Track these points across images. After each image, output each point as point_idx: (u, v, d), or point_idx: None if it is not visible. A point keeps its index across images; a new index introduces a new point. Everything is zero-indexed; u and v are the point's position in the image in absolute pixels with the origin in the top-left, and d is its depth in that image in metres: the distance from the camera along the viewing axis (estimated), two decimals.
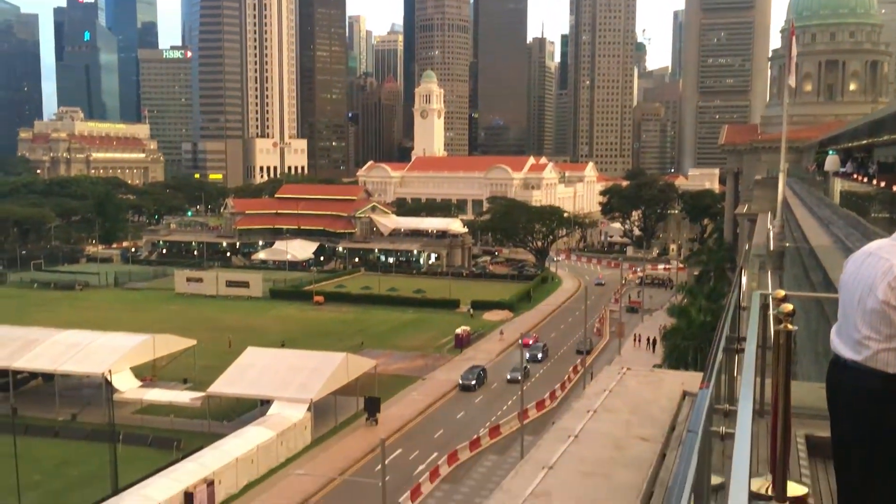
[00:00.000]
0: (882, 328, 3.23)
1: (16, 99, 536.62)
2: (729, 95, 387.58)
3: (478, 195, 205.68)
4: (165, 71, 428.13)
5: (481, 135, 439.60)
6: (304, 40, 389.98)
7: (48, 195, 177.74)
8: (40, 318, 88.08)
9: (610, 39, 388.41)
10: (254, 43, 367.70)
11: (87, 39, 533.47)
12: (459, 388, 71.91)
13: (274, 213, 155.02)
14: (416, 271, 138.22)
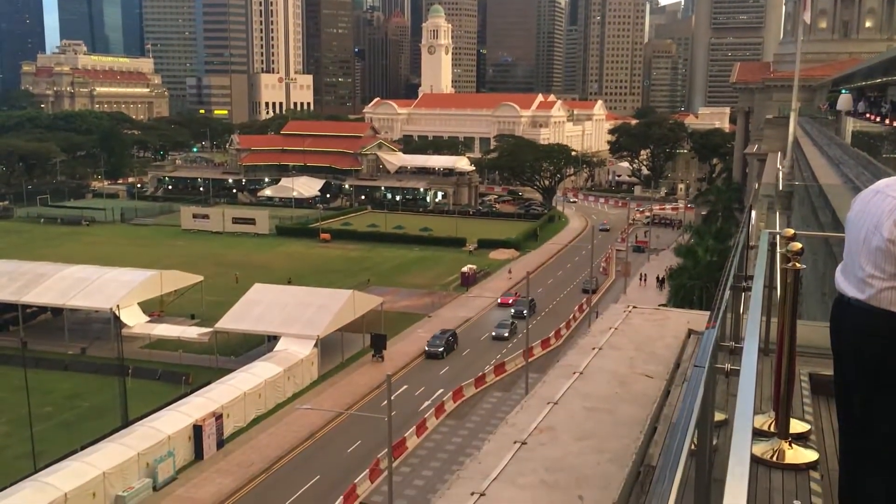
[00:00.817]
0: (887, 266, 3.19)
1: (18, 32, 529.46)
2: (742, 32, 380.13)
3: (485, 133, 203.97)
4: (169, 3, 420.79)
5: (489, 71, 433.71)
6: None
7: (53, 129, 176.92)
8: (47, 253, 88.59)
9: None
10: None
11: None
12: (425, 356, 64.45)
13: (280, 150, 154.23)
14: (422, 209, 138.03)
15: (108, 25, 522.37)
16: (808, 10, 29.98)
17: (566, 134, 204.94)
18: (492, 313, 76.91)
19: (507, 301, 78.96)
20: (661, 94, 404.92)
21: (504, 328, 69.61)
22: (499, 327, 70.24)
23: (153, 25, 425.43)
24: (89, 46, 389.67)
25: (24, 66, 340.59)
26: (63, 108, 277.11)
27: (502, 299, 79.73)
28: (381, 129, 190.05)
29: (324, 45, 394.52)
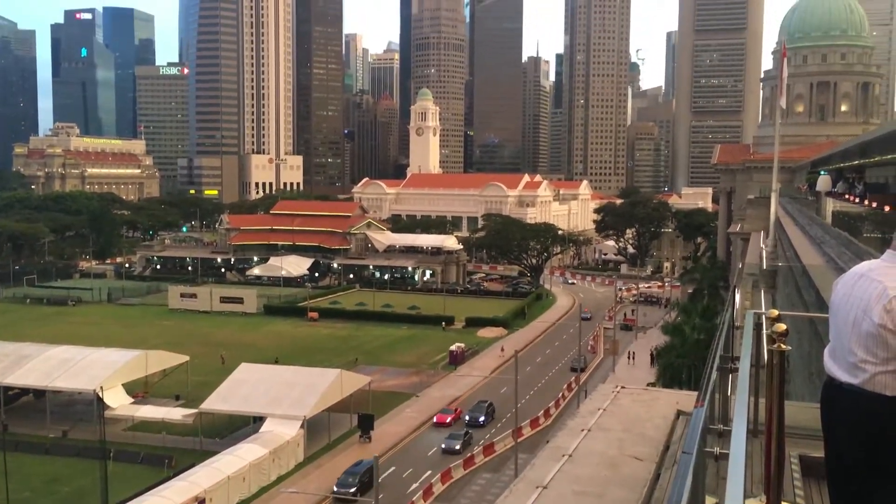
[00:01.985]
0: (878, 351, 3.21)
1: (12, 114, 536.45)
2: (721, 115, 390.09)
3: (473, 212, 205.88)
4: (162, 87, 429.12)
5: (476, 152, 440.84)
6: (301, 58, 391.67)
7: (43, 210, 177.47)
8: (33, 333, 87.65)
9: (604, 59, 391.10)
10: (251, 60, 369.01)
11: (84, 56, 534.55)
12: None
13: (269, 229, 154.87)
14: (410, 288, 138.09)
15: (101, 108, 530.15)
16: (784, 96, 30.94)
17: (553, 213, 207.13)
18: (478, 394, 76.12)
19: (445, 420, 66.00)
20: (645, 175, 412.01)
21: (456, 440, 60.31)
22: (450, 439, 60.67)
23: (146, 108, 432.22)
24: (82, 129, 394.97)
25: (17, 147, 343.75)
26: (54, 190, 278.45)
27: (438, 417, 66.47)
28: (369, 209, 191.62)
29: (314, 126, 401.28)
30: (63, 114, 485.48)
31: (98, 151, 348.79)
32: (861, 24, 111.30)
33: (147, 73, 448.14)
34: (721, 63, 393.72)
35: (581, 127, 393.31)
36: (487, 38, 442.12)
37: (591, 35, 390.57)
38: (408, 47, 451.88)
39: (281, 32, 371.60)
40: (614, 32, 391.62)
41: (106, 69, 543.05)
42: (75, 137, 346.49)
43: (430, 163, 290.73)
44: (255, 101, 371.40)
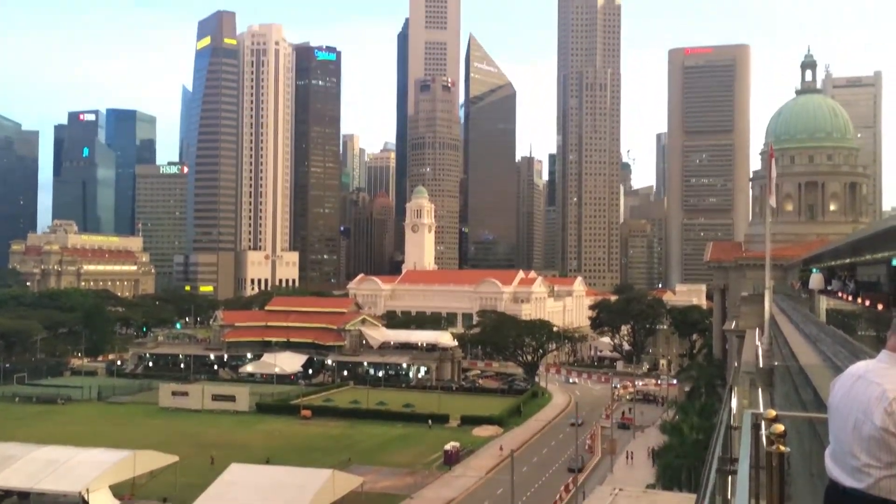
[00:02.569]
0: (882, 455, 3.16)
1: (11, 212, 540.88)
2: (712, 214, 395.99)
3: (468, 308, 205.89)
4: (162, 185, 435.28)
5: (471, 249, 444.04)
6: (299, 156, 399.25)
7: (37, 307, 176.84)
8: (20, 433, 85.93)
9: (596, 159, 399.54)
10: (250, 158, 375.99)
11: (85, 155, 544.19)
12: None
13: (263, 326, 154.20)
14: (405, 385, 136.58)
15: (100, 206, 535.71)
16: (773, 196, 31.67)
17: (547, 309, 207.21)
18: (474, 495, 74.30)
19: None
20: (639, 271, 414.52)
21: None
22: None
23: (145, 206, 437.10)
24: (81, 226, 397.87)
25: (14, 244, 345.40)
26: (49, 287, 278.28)
27: None
28: (364, 305, 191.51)
29: (310, 223, 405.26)
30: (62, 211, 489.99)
31: (95, 248, 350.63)
32: (845, 127, 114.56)
33: (147, 171, 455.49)
34: (710, 163, 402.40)
35: (575, 224, 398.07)
36: (482, 137, 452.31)
37: (583, 135, 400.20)
38: (404, 146, 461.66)
39: (280, 132, 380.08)
40: (605, 133, 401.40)
41: (107, 168, 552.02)
42: (73, 234, 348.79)
43: (425, 259, 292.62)
44: (252, 199, 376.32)
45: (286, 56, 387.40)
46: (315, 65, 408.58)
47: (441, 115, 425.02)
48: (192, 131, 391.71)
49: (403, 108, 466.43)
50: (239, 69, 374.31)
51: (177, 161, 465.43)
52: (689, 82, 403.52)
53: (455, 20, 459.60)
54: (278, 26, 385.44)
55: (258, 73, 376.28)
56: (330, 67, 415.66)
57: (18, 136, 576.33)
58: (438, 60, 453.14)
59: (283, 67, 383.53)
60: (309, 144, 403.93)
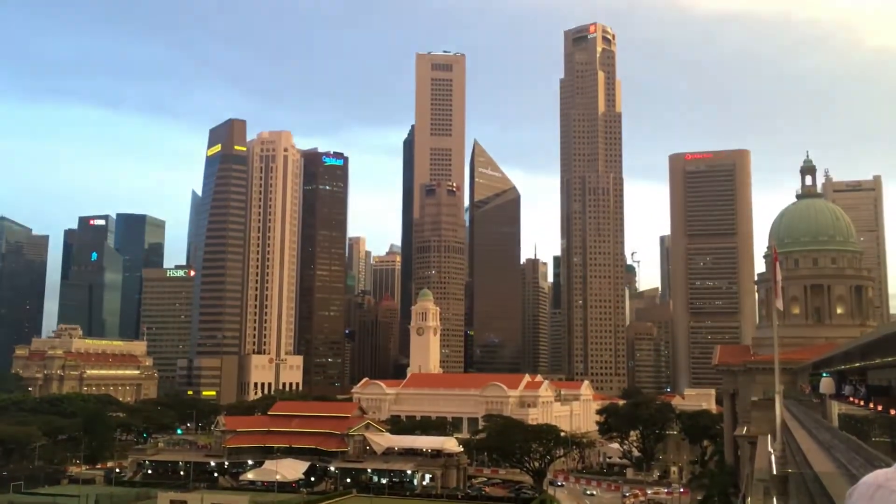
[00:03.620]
0: None
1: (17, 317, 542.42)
2: (719, 316, 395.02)
3: (473, 413, 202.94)
4: (168, 289, 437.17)
5: (477, 352, 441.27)
6: (305, 260, 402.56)
7: (37, 413, 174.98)
8: None
9: (600, 262, 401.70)
10: (256, 262, 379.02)
11: (94, 259, 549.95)
12: None
13: (266, 431, 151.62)
14: (409, 493, 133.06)
15: (106, 310, 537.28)
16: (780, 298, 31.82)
17: (554, 414, 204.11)
18: None
19: None
20: (646, 374, 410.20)
21: None
22: None
23: (150, 309, 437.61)
24: (86, 330, 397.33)
25: (18, 349, 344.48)
26: (52, 391, 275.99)
27: None
28: (369, 409, 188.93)
29: (315, 326, 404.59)
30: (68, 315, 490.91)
31: (99, 353, 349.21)
32: (848, 231, 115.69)
33: (154, 275, 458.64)
34: (715, 266, 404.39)
35: (580, 327, 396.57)
36: (486, 241, 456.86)
37: (587, 238, 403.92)
38: (409, 250, 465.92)
39: (287, 235, 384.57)
40: (609, 236, 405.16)
41: (114, 272, 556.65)
42: (77, 339, 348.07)
43: (430, 363, 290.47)
44: (258, 302, 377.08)
45: (294, 162, 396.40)
46: (322, 170, 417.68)
47: (446, 219, 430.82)
48: (201, 235, 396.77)
49: (409, 211, 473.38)
50: (248, 174, 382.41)
51: (184, 265, 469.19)
52: (691, 186, 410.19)
53: (460, 127, 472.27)
54: (287, 133, 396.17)
55: (266, 179, 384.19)
56: (337, 173, 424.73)
57: (28, 241, 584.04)
58: (443, 165, 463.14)
59: (292, 173, 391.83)
60: (315, 248, 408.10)
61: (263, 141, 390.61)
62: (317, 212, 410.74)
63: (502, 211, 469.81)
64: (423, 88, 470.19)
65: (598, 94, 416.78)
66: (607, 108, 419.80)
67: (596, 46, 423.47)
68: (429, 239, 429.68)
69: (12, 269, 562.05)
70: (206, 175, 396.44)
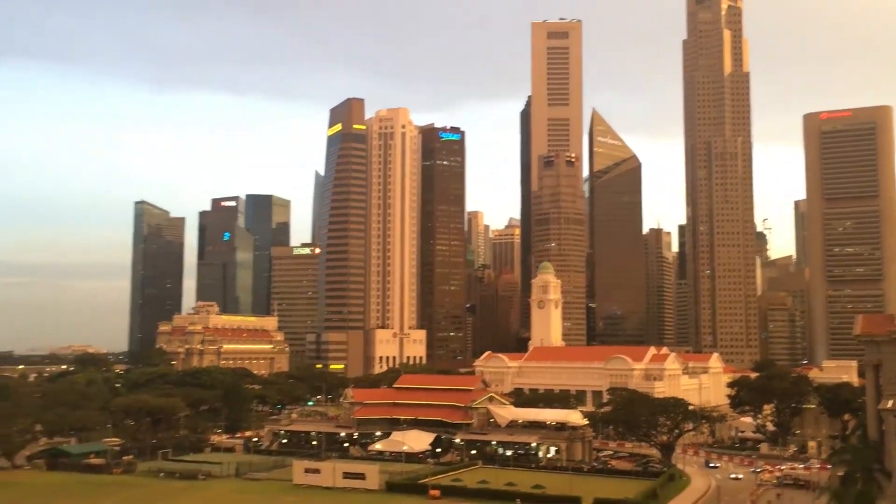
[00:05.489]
0: None
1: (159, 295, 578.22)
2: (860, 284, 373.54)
3: (597, 386, 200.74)
4: (295, 266, 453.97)
5: (599, 325, 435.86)
6: (425, 236, 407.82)
7: (180, 385, 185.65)
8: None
9: (728, 229, 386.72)
10: (378, 239, 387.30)
11: (226, 239, 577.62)
12: None
13: (392, 403, 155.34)
14: (534, 465, 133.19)
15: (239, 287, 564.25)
16: None
17: (682, 387, 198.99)
18: None
19: None
20: (780, 347, 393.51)
21: None
22: None
23: (280, 286, 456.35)
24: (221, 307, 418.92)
25: (161, 326, 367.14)
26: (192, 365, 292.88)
27: None
28: (491, 383, 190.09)
29: (437, 301, 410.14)
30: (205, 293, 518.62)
31: (234, 328, 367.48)
32: None
33: (282, 253, 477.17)
34: (855, 231, 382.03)
35: (708, 298, 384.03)
36: (607, 211, 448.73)
37: (714, 206, 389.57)
38: (528, 223, 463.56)
39: (406, 212, 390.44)
40: (737, 202, 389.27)
41: (245, 251, 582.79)
42: (214, 315, 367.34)
43: (552, 336, 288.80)
44: (380, 278, 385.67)
45: (412, 138, 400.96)
46: (439, 145, 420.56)
47: (565, 191, 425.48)
48: (324, 214, 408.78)
49: (527, 184, 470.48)
50: (367, 152, 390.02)
51: (309, 243, 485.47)
52: (828, 147, 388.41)
53: (577, 96, 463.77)
54: (404, 110, 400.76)
55: (385, 156, 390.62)
56: (454, 147, 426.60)
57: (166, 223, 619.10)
58: (561, 136, 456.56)
59: (410, 149, 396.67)
60: (434, 223, 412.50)
61: (381, 119, 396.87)
62: (435, 187, 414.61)
63: (623, 180, 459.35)
64: (538, 58, 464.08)
65: (724, 53, 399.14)
66: (734, 69, 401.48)
67: (720, 4, 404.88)
68: (548, 211, 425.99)
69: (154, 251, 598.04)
70: (327, 154, 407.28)
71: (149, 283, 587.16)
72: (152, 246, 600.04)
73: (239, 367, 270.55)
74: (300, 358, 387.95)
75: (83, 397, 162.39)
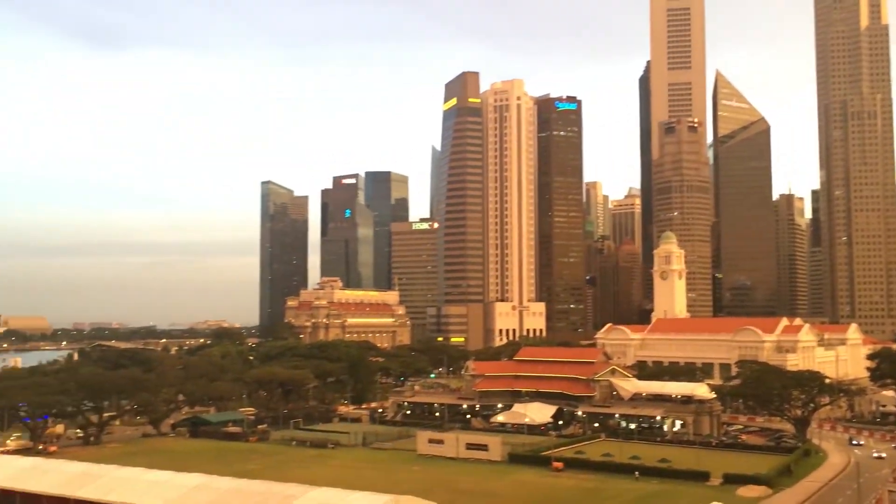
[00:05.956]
0: None
1: (286, 271, 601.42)
2: None
3: (724, 359, 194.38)
4: (414, 241, 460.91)
5: (726, 295, 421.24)
6: (543, 208, 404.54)
7: (308, 357, 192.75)
8: (296, 474, 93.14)
9: (867, 193, 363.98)
10: (495, 212, 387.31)
11: (347, 216, 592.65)
12: None
13: (513, 376, 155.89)
14: (659, 439, 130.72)
15: (360, 263, 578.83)
16: None
17: (817, 360, 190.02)
18: None
19: None
20: None
21: None
22: None
23: (400, 261, 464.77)
24: (344, 282, 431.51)
25: (289, 301, 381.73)
26: (318, 338, 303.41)
27: None
28: (613, 355, 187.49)
29: (556, 273, 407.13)
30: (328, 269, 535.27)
31: (357, 302, 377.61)
32: None
33: (401, 229, 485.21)
34: None
35: (845, 266, 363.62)
36: (733, 177, 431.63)
37: (851, 168, 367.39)
38: (649, 192, 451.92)
39: (523, 185, 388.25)
40: (877, 164, 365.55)
41: (366, 227, 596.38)
42: (338, 290, 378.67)
43: (675, 307, 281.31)
44: (498, 251, 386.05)
45: (528, 110, 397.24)
46: (556, 115, 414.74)
47: (688, 157, 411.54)
48: (441, 189, 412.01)
49: (647, 152, 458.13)
50: (483, 126, 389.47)
51: (427, 217, 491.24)
52: None
53: (700, 58, 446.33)
54: (519, 81, 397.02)
55: (501, 129, 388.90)
56: (570, 117, 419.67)
57: (291, 202, 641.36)
58: (683, 101, 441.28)
59: (525, 121, 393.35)
60: (552, 195, 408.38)
61: (496, 91, 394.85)
62: (552, 158, 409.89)
63: (750, 145, 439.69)
64: (658, 20, 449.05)
65: (860, 5, 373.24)
66: (871, 22, 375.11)
67: None
68: (670, 179, 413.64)
69: (280, 229, 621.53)
70: (443, 129, 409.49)
71: (276, 260, 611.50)
72: (278, 224, 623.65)
73: (363, 341, 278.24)
74: (421, 331, 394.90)
75: (220, 369, 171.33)
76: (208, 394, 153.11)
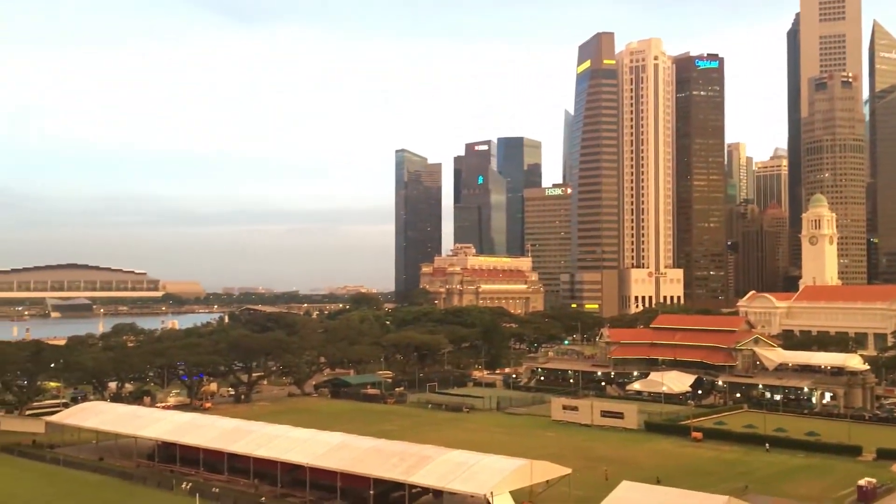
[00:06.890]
0: None
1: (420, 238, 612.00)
2: None
3: (880, 328, 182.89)
4: (547, 207, 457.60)
5: (883, 261, 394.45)
6: (681, 171, 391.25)
7: (442, 323, 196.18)
8: (432, 436, 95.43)
9: None
10: (630, 176, 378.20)
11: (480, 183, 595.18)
12: None
13: (649, 344, 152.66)
14: (806, 411, 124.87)
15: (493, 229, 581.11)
16: None
17: None
18: None
19: None
20: None
21: None
22: None
23: (532, 227, 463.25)
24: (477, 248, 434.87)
25: (423, 267, 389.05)
26: (452, 304, 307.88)
27: None
28: (756, 324, 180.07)
29: (695, 239, 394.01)
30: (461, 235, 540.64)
31: (490, 269, 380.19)
32: None
33: (534, 195, 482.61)
34: None
35: None
36: (892, 135, 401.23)
37: None
38: (797, 152, 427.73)
39: (661, 147, 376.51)
40: None
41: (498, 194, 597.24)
42: (471, 257, 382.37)
43: (825, 274, 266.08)
44: (634, 217, 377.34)
45: (665, 70, 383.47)
46: (696, 75, 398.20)
47: (841, 115, 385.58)
48: (574, 153, 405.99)
49: (796, 110, 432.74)
50: (618, 88, 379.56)
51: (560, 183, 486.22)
52: None
53: (855, 8, 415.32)
54: (657, 40, 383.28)
55: (637, 91, 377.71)
56: (712, 76, 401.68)
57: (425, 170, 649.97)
58: (836, 55, 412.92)
59: (663, 81, 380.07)
60: (691, 157, 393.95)
61: (632, 52, 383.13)
62: (691, 119, 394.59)
63: None
64: None
65: None
66: None
67: None
68: (820, 138, 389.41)
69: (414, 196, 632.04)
70: (577, 93, 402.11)
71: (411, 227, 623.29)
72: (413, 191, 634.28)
73: (496, 307, 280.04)
74: (554, 297, 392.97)
75: (358, 333, 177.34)
76: (348, 356, 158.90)
